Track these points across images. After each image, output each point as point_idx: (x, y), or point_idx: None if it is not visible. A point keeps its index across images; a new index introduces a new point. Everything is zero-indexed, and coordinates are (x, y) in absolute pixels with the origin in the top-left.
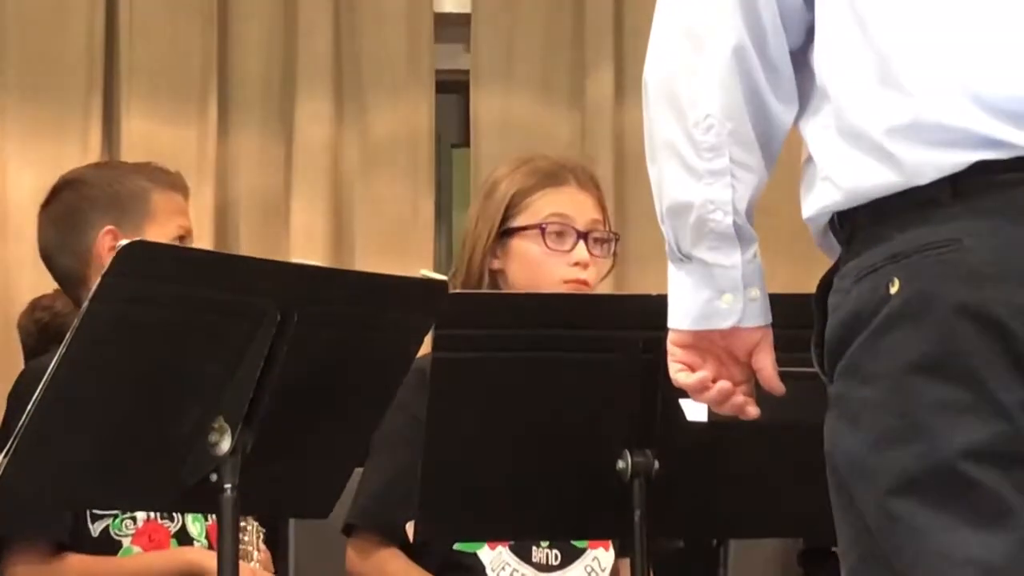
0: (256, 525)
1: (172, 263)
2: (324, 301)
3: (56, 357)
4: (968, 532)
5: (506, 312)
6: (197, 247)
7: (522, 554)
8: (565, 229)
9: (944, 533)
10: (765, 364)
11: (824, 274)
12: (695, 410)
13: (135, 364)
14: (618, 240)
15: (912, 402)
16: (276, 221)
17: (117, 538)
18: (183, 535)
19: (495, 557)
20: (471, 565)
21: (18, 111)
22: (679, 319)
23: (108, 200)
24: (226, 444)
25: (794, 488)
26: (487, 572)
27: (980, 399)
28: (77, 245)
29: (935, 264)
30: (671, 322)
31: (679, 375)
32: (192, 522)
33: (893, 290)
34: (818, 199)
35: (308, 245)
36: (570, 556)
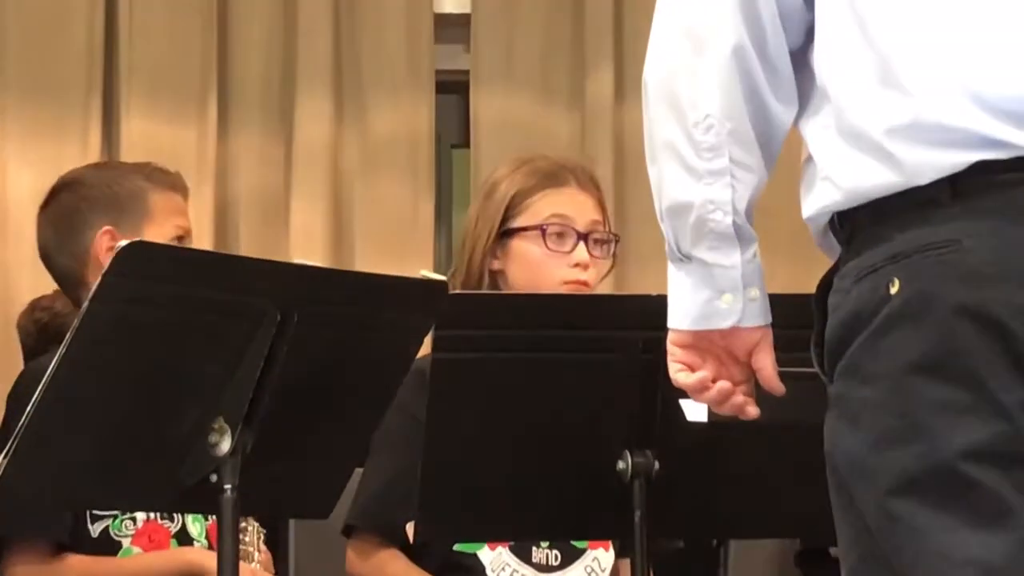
0: (257, 526)
1: (172, 263)
2: (324, 301)
3: (56, 357)
4: (968, 532)
5: (506, 312)
6: (197, 247)
7: (522, 554)
8: (565, 230)
9: (944, 533)
10: (765, 364)
11: (824, 274)
12: (695, 410)
13: (135, 364)
14: (618, 241)
15: (912, 402)
16: (276, 221)
17: (117, 539)
18: (183, 535)
19: (495, 557)
20: (471, 566)
21: (18, 111)
22: (679, 319)
23: (106, 201)
24: (226, 444)
25: (794, 488)
26: (487, 572)
27: (980, 399)
28: (75, 246)
29: (935, 264)
30: (671, 322)
31: (679, 375)
32: (192, 522)
33: (893, 290)
34: (818, 199)
35: (308, 245)
36: (570, 556)
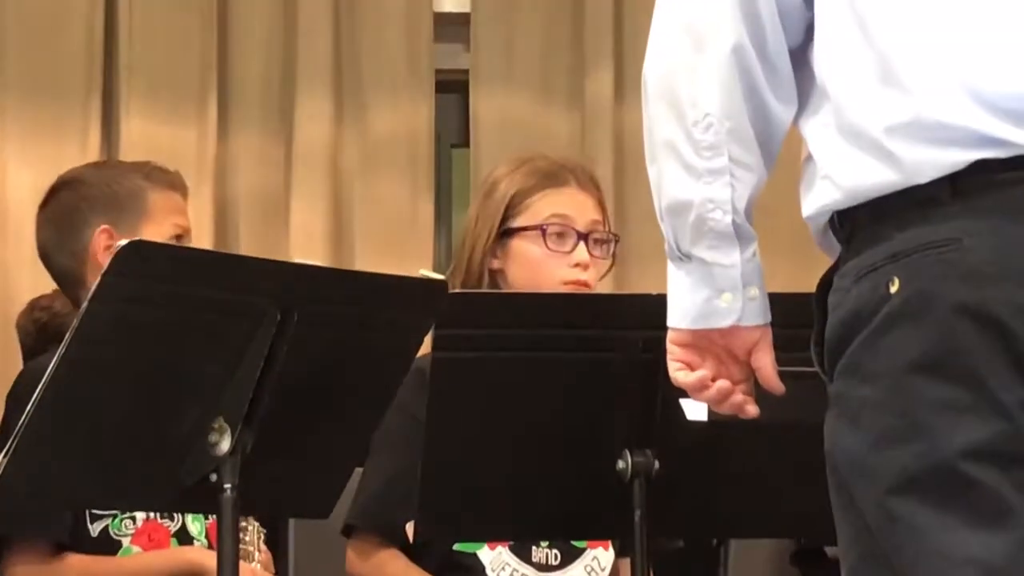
0: (257, 526)
1: (171, 263)
2: (324, 301)
3: (55, 357)
4: (968, 532)
5: (506, 312)
6: (197, 247)
7: (522, 554)
8: (566, 230)
9: (944, 532)
10: (764, 363)
11: (824, 273)
12: (695, 409)
13: (134, 364)
14: (618, 241)
15: (912, 401)
16: (276, 221)
17: (116, 538)
18: (183, 534)
19: (495, 557)
20: (471, 565)
21: (18, 111)
22: (678, 318)
23: (105, 199)
24: (226, 444)
25: (794, 488)
26: (487, 572)
27: (980, 398)
28: (74, 244)
29: (935, 263)
30: (670, 321)
31: (678, 374)
32: (192, 521)
33: (893, 289)
34: (818, 198)
35: (308, 245)
36: (570, 556)
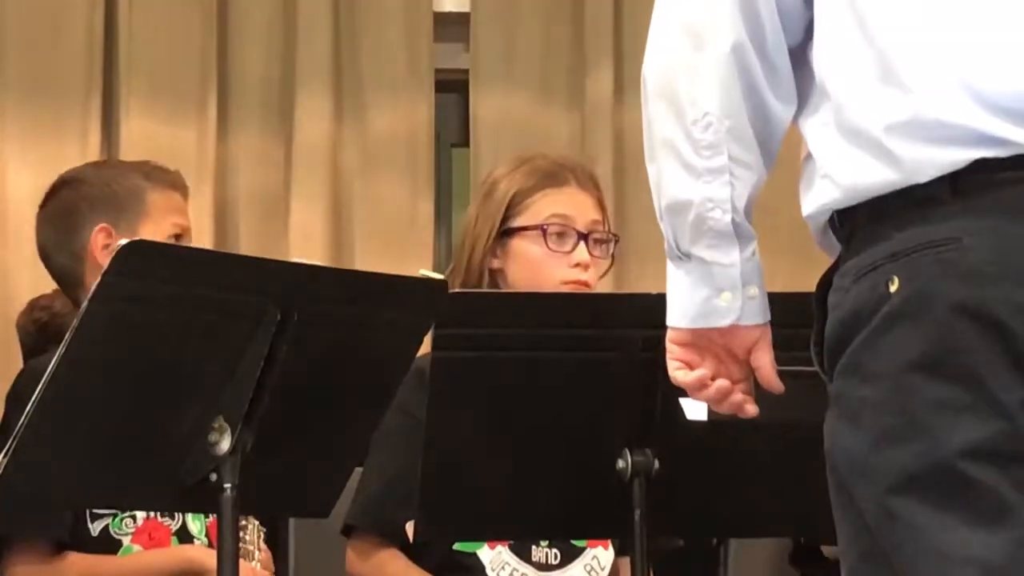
0: (256, 524)
1: (172, 262)
2: (324, 300)
3: (55, 357)
4: (967, 531)
5: (506, 311)
6: (197, 246)
7: (522, 553)
8: (566, 230)
9: (944, 532)
10: (763, 362)
11: (824, 273)
12: (695, 409)
13: (134, 364)
14: (617, 241)
15: (912, 401)
16: (275, 221)
17: (117, 537)
18: (183, 533)
19: (495, 557)
20: (471, 565)
21: (18, 111)
22: (678, 317)
23: (104, 198)
24: (226, 443)
25: (794, 487)
26: (487, 572)
27: (979, 398)
28: (73, 244)
29: (934, 263)
30: (670, 320)
31: (677, 373)
32: (192, 520)
33: (893, 289)
34: (817, 197)
35: (307, 245)
36: (570, 555)
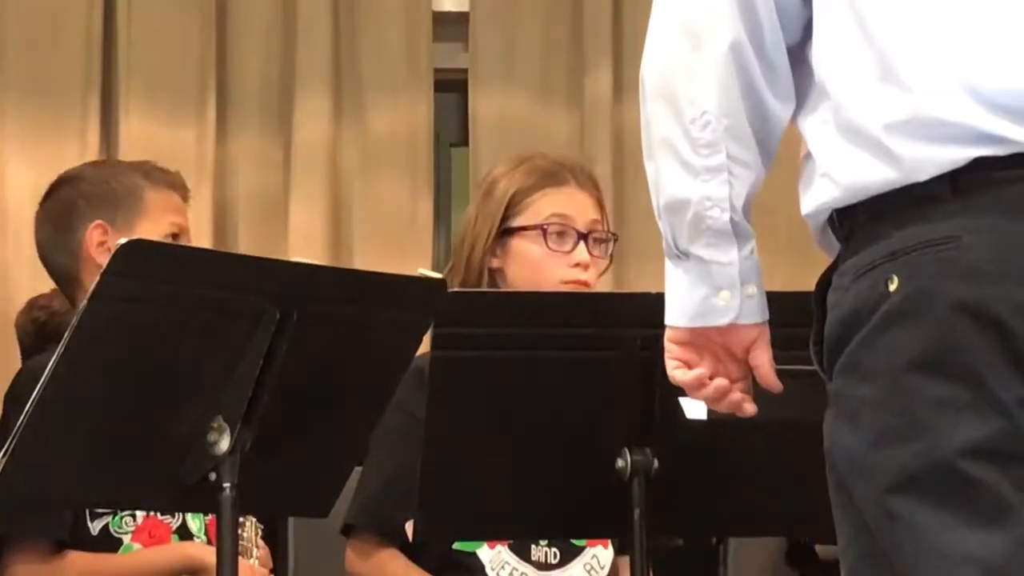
0: (254, 521)
1: (171, 262)
2: (323, 300)
3: (54, 356)
4: (967, 530)
5: (505, 311)
6: (196, 246)
7: (521, 553)
8: (566, 230)
9: (943, 531)
10: (762, 361)
11: (823, 272)
12: (694, 408)
13: (134, 363)
14: (616, 241)
15: (911, 400)
16: (275, 221)
17: (117, 536)
18: (183, 531)
19: (494, 556)
20: (470, 564)
21: (17, 111)
22: (676, 316)
23: (102, 196)
24: (225, 443)
25: (793, 486)
26: (486, 571)
27: (979, 397)
28: (71, 242)
29: (934, 261)
30: (668, 319)
31: (676, 372)
32: (192, 518)
33: (892, 287)
34: (817, 195)
35: (307, 245)
36: (569, 554)
